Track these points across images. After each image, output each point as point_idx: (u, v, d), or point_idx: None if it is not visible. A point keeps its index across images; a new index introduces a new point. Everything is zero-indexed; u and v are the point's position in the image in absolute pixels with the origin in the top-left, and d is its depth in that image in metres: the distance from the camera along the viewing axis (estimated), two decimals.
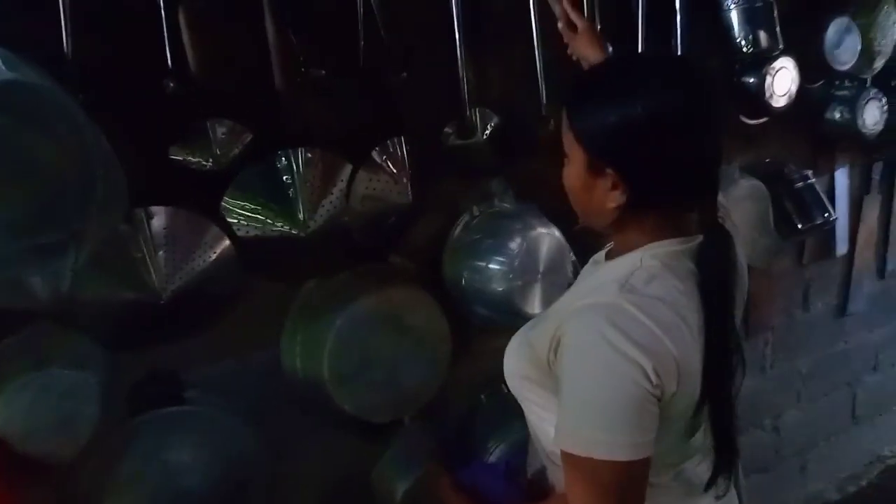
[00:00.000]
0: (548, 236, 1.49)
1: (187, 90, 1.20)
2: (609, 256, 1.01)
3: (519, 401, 1.05)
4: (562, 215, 1.54)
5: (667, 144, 0.89)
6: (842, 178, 2.29)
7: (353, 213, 1.36)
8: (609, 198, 0.92)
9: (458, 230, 1.51)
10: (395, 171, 1.41)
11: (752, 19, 1.78)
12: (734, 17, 1.78)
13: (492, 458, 1.52)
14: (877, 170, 2.40)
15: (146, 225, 1.17)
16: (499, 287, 1.42)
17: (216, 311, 1.32)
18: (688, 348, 0.88)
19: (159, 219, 1.19)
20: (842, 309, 2.47)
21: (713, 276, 0.92)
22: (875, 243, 2.48)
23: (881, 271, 2.54)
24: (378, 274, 1.46)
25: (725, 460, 0.98)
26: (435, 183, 1.49)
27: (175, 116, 1.21)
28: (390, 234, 1.48)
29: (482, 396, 1.66)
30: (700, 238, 0.93)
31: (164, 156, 1.21)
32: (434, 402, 1.51)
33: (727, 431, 0.97)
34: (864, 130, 2.09)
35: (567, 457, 0.89)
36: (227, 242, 1.27)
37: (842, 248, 2.35)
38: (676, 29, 1.73)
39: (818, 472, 2.57)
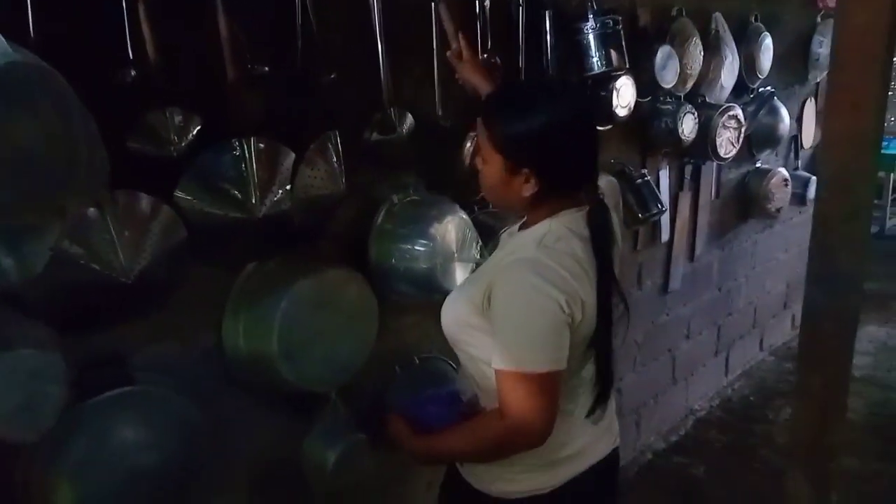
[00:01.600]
0: (458, 220, 1.69)
1: (146, 80, 1.26)
2: (522, 228, 1.31)
3: (453, 345, 1.34)
4: (465, 203, 1.79)
5: (564, 146, 1.22)
6: (664, 177, 2.75)
7: (295, 200, 1.47)
8: (524, 189, 1.22)
9: (380, 217, 1.67)
10: (331, 162, 1.54)
11: (605, 43, 2.13)
12: (591, 40, 2.12)
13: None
14: (687, 171, 2.91)
15: (114, 207, 1.20)
16: (424, 265, 1.60)
17: (167, 294, 1.37)
18: (587, 288, 1.20)
19: (123, 201, 1.23)
20: (664, 287, 2.95)
21: (600, 235, 1.24)
22: (687, 232, 2.99)
23: (691, 255, 3.07)
24: (311, 257, 1.58)
25: (605, 388, 1.30)
26: (359, 174, 1.64)
27: (134, 105, 1.26)
28: (322, 221, 1.60)
29: (397, 368, 1.83)
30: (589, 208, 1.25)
31: (122, 142, 1.24)
32: (357, 375, 1.66)
33: (608, 362, 1.28)
34: (682, 137, 2.54)
35: (502, 374, 1.18)
36: (181, 227, 1.33)
37: (665, 235, 2.82)
38: (547, 48, 2.04)
39: (648, 427, 3.04)
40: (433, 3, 1.72)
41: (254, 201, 1.39)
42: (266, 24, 1.45)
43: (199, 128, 1.34)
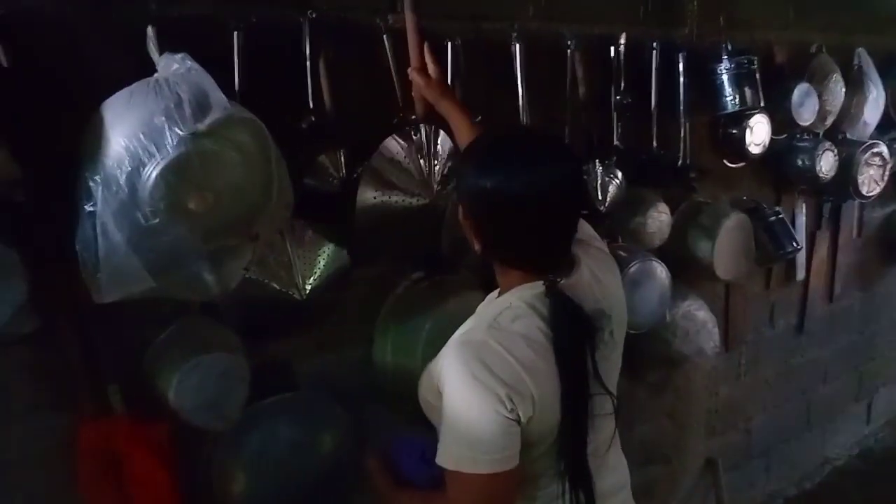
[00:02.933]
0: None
1: (322, 125, 1.46)
2: (499, 294, 1.19)
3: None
4: None
5: (506, 215, 1.07)
6: (800, 215, 2.70)
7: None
8: (473, 242, 1.14)
9: None
10: None
11: (740, 82, 2.17)
12: (725, 79, 2.16)
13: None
14: (826, 209, 2.83)
15: (293, 234, 1.40)
16: None
17: (329, 312, 1.56)
18: (544, 380, 1.04)
19: (300, 230, 1.43)
20: (799, 327, 2.86)
21: (559, 324, 1.06)
22: (825, 272, 2.90)
23: (830, 296, 2.96)
24: (452, 283, 1.72)
25: (576, 489, 1.11)
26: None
27: (310, 146, 1.46)
28: (460, 250, 1.75)
29: None
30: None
31: (299, 179, 1.45)
32: None
33: (577, 464, 1.11)
34: (820, 175, 2.49)
35: (445, 472, 1.06)
36: (345, 254, 1.51)
37: (800, 274, 2.75)
38: (680, 88, 2.10)
39: (779, 471, 2.93)
40: (569, 51, 1.85)
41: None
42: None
43: (364, 166, 1.52)
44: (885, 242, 3.16)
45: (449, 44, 1.62)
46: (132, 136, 1.04)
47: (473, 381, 1.01)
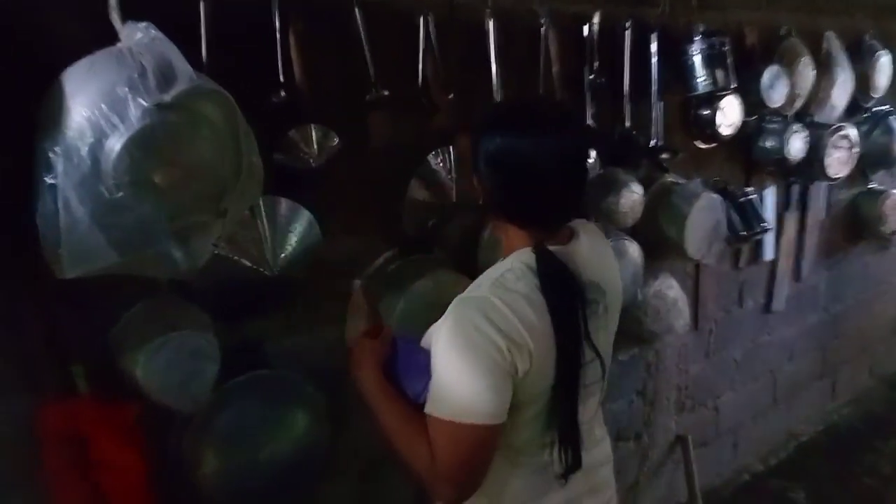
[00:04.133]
0: None
1: (293, 99, 1.43)
2: (503, 258, 1.20)
3: None
4: None
5: (512, 175, 1.13)
6: (769, 196, 2.73)
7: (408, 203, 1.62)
8: (481, 197, 1.20)
9: (489, 230, 1.78)
10: (443, 173, 1.68)
11: (711, 63, 2.17)
12: (697, 60, 2.17)
13: None
14: (795, 190, 2.87)
15: (263, 210, 1.38)
16: None
17: (301, 290, 1.54)
18: (540, 338, 1.07)
19: (270, 206, 1.41)
20: (767, 306, 2.91)
21: (550, 285, 1.09)
22: (792, 252, 2.95)
23: (797, 276, 3.01)
24: (426, 263, 1.71)
25: (566, 452, 1.15)
26: (471, 189, 1.76)
27: (281, 122, 1.44)
28: (434, 231, 1.74)
29: None
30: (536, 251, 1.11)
31: (269, 154, 1.42)
32: None
33: (568, 429, 1.15)
34: (789, 157, 2.52)
35: (433, 420, 1.08)
36: (317, 229, 1.49)
37: (769, 254, 2.79)
38: (652, 68, 2.11)
39: (747, 447, 3.00)
40: (543, 30, 1.83)
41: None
42: (391, 51, 1.60)
43: (336, 143, 1.50)
44: (850, 223, 3.21)
45: (421, 20, 1.60)
46: (94, 107, 1.01)
47: (475, 332, 1.04)
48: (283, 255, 1.43)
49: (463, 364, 1.05)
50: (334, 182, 1.55)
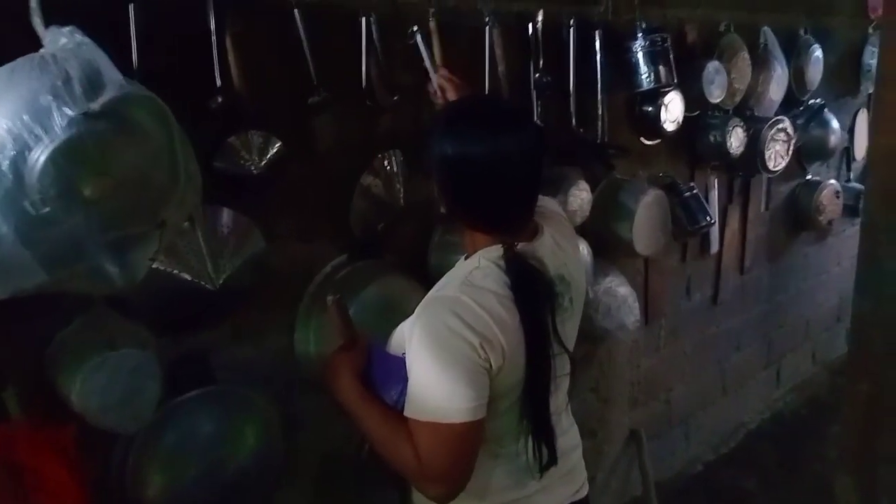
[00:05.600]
0: None
1: (231, 105, 1.38)
2: (466, 257, 1.21)
3: None
4: None
5: (466, 180, 1.12)
6: (713, 190, 2.79)
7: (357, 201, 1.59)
8: (441, 204, 1.19)
9: (438, 231, 1.77)
10: (391, 175, 1.65)
11: (654, 60, 2.20)
12: (640, 57, 2.19)
13: None
14: (737, 184, 2.94)
15: (204, 220, 1.33)
16: None
17: (247, 300, 1.49)
18: (511, 333, 1.08)
19: (211, 215, 1.36)
20: (714, 299, 2.97)
21: (519, 283, 1.10)
22: (736, 245, 3.02)
23: (741, 268, 3.08)
24: (376, 268, 1.68)
25: (540, 445, 1.16)
26: (420, 192, 1.74)
27: (219, 128, 1.39)
28: (384, 234, 1.71)
29: None
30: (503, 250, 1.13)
31: (209, 162, 1.37)
32: None
33: (541, 420, 1.16)
34: (731, 151, 2.58)
35: (415, 423, 1.08)
36: (260, 238, 1.45)
37: (714, 247, 2.85)
38: (597, 66, 2.12)
39: (698, 438, 3.05)
40: (487, 29, 1.82)
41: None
42: (334, 52, 1.56)
43: (278, 148, 1.46)
44: (790, 215, 3.31)
45: (363, 20, 1.57)
46: (14, 118, 0.94)
47: (448, 332, 1.05)
48: (224, 265, 1.38)
49: (438, 365, 1.06)
50: (279, 188, 1.51)
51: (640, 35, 2.18)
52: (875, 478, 1.34)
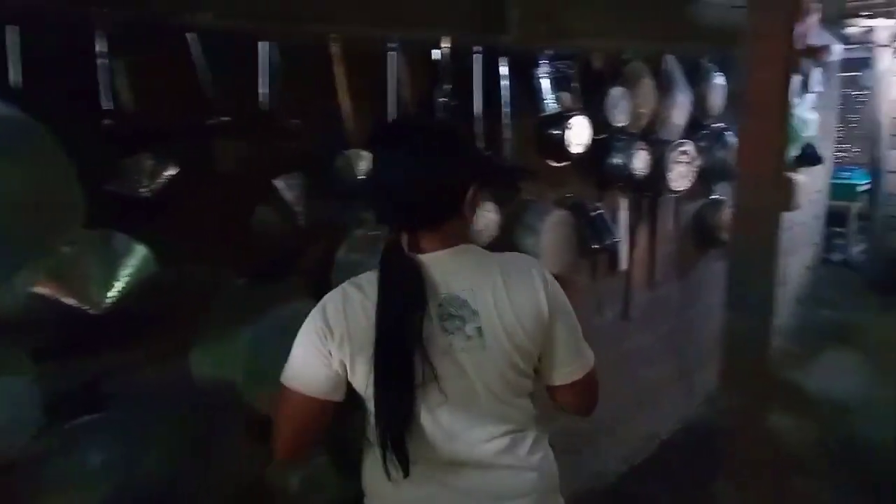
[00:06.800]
0: None
1: (122, 127, 1.37)
2: None
3: None
4: None
5: (370, 183, 1.33)
6: (622, 210, 2.89)
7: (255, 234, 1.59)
8: None
9: (342, 250, 1.78)
10: (290, 200, 1.66)
11: (559, 86, 2.29)
12: (545, 83, 2.28)
13: None
14: (645, 204, 3.06)
15: (91, 244, 1.31)
16: None
17: (139, 324, 1.47)
18: (364, 334, 1.17)
19: (100, 239, 1.34)
20: (625, 314, 3.07)
21: (384, 282, 1.19)
22: (645, 262, 3.13)
23: (651, 284, 3.20)
24: (278, 290, 1.68)
25: (385, 451, 1.20)
26: (323, 212, 1.75)
27: (110, 150, 1.37)
28: (286, 257, 1.72)
29: None
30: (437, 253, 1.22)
31: (99, 185, 1.35)
32: None
33: (388, 425, 1.20)
34: (635, 172, 2.69)
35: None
36: (152, 262, 1.43)
37: (623, 265, 2.95)
38: (503, 91, 2.18)
39: (612, 451, 3.13)
40: (390, 54, 1.86)
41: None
42: (233, 74, 1.57)
43: (172, 171, 1.45)
44: (697, 233, 3.46)
45: (259, 45, 1.58)
46: None
47: (312, 315, 1.23)
48: (112, 290, 1.36)
49: (298, 338, 1.24)
50: (176, 211, 1.50)
51: (544, 62, 2.27)
52: (751, 482, 1.42)
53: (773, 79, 1.17)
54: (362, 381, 1.20)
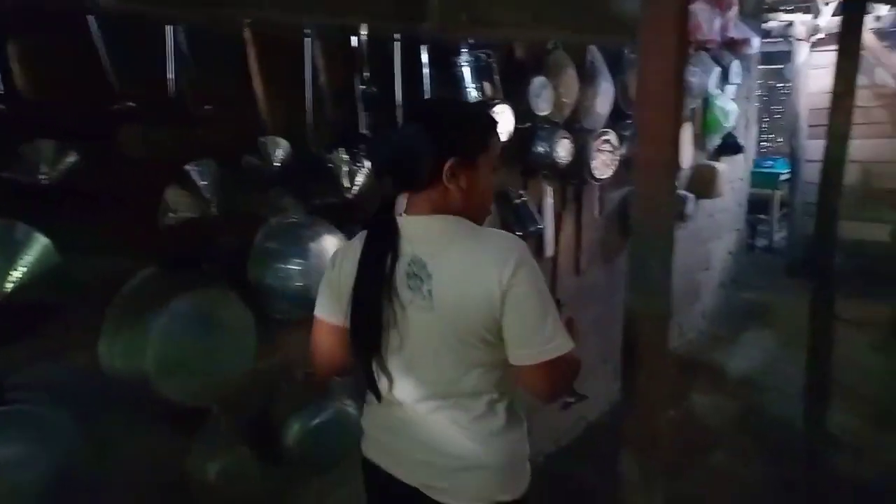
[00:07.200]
0: (334, 240, 1.81)
1: (19, 113, 1.33)
2: None
3: None
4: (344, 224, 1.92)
5: None
6: (547, 198, 2.95)
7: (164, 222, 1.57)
8: None
9: (259, 238, 1.77)
10: (201, 187, 1.64)
11: (480, 75, 2.31)
12: (466, 72, 2.30)
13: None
14: (570, 191, 3.12)
15: None
16: (299, 283, 1.71)
17: (43, 316, 1.43)
18: (349, 276, 1.37)
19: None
20: None
21: (364, 245, 1.37)
22: (571, 249, 3.20)
23: (577, 270, 3.27)
24: (190, 279, 1.66)
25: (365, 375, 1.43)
26: (238, 200, 1.74)
27: (6, 137, 1.33)
28: (198, 245, 1.69)
29: (282, 383, 1.93)
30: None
31: None
32: (240, 390, 1.74)
33: (359, 352, 1.41)
34: (558, 161, 2.75)
35: None
36: (54, 253, 1.40)
37: (549, 251, 3.01)
38: (424, 80, 2.20)
39: (541, 432, 3.20)
40: (308, 41, 1.85)
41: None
42: (141, 60, 1.54)
43: (72, 158, 1.41)
44: (622, 220, 3.55)
45: (167, 29, 1.55)
46: None
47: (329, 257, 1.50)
48: (10, 282, 1.32)
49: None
50: (82, 199, 1.46)
51: (465, 51, 2.29)
52: (652, 456, 1.47)
53: (665, 69, 1.22)
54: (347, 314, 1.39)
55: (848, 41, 2.54)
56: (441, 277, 1.29)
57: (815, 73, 5.79)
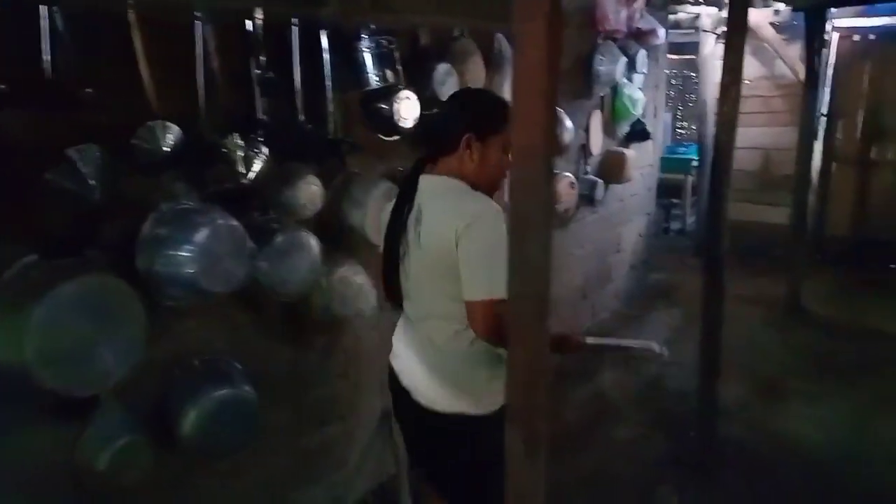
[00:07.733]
0: (227, 226, 1.80)
1: None
2: None
3: None
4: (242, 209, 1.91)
5: None
6: None
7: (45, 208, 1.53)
8: None
9: (148, 225, 1.74)
10: (84, 173, 1.60)
11: (381, 61, 2.33)
12: (367, 58, 2.31)
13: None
14: None
15: None
16: (189, 270, 1.69)
17: None
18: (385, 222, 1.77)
19: None
20: None
21: (396, 197, 1.76)
22: None
23: None
24: (73, 266, 1.62)
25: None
26: (127, 185, 1.70)
27: None
28: (82, 231, 1.66)
29: (176, 370, 1.91)
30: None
31: None
32: (132, 377, 1.72)
33: (385, 272, 1.79)
34: None
35: None
36: None
37: None
38: (324, 65, 2.20)
39: None
40: (198, 25, 1.82)
41: None
42: (15, 42, 1.49)
43: None
44: None
45: (41, 9, 1.51)
46: None
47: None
48: None
49: None
50: None
51: (366, 37, 2.30)
52: (535, 429, 1.53)
53: (539, 60, 1.27)
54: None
55: (733, 36, 2.68)
56: (427, 222, 1.62)
57: (721, 63, 6.04)
